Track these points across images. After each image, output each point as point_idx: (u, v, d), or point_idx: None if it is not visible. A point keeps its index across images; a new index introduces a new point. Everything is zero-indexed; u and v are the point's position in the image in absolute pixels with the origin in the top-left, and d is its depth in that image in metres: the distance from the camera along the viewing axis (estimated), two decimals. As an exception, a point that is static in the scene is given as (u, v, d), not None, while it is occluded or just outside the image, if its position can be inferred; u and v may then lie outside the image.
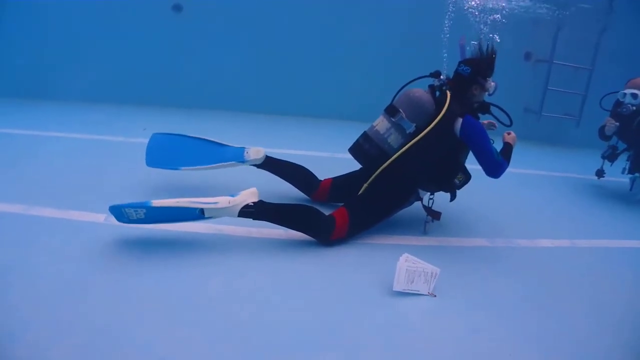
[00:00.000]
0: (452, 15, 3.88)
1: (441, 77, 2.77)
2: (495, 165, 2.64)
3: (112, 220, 2.42)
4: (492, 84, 2.72)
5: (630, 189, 4.29)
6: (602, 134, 4.28)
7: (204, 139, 3.15)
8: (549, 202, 4.02)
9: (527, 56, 6.59)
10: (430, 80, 2.82)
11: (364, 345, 1.83)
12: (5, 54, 5.62)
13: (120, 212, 2.25)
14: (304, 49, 6.12)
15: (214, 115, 5.76)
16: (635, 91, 3.97)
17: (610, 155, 4.41)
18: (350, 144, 2.82)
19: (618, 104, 4.16)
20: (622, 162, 4.36)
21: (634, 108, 3.99)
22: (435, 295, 2.20)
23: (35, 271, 2.04)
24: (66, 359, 1.57)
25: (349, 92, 6.26)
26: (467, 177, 2.74)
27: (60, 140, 4.04)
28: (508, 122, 2.80)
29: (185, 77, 6.03)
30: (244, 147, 3.08)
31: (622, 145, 4.36)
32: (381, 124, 2.70)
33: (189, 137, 3.15)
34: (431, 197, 2.88)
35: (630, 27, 6.33)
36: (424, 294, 2.19)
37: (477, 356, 1.86)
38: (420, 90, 2.72)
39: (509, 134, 2.92)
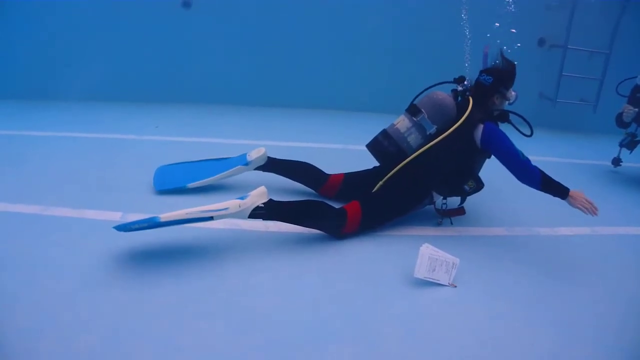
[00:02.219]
0: (467, 7, 3.81)
1: (465, 82, 2.78)
2: (524, 167, 2.56)
3: (128, 218, 2.43)
4: (513, 93, 2.73)
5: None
6: (620, 121, 4.18)
7: (206, 159, 3.25)
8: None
9: (541, 42, 6.47)
10: (453, 85, 2.83)
11: (385, 336, 1.82)
12: (11, 56, 5.64)
13: (125, 227, 2.15)
14: (313, 41, 6.07)
15: (225, 110, 5.74)
16: None
17: (629, 143, 4.31)
18: (362, 135, 2.80)
19: (637, 88, 4.06)
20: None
21: None
22: (455, 286, 2.18)
23: (54, 269, 2.05)
24: (88, 353, 1.58)
25: (359, 84, 6.21)
26: (478, 185, 2.72)
27: (72, 140, 4.06)
28: (529, 132, 2.68)
29: (195, 73, 6.01)
30: (245, 153, 3.11)
31: None
32: (402, 122, 2.70)
33: (192, 161, 3.26)
34: (444, 201, 2.85)
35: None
36: (444, 284, 2.17)
37: (498, 345, 1.84)
38: (444, 94, 2.72)
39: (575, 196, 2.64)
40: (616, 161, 4.53)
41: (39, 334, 1.65)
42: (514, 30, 2.68)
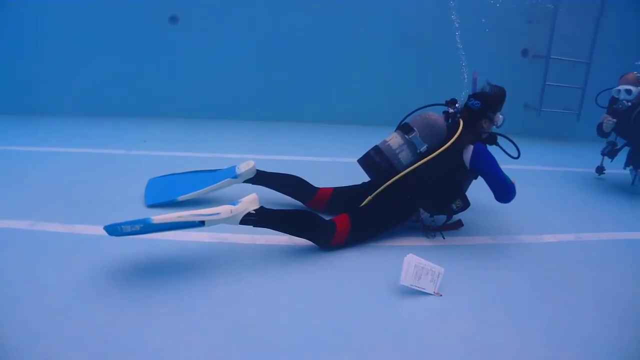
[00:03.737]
0: (458, 21, 3.90)
1: (456, 105, 2.87)
2: (508, 189, 2.74)
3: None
4: (501, 117, 2.84)
5: (632, 183, 4.29)
6: (601, 131, 4.30)
7: (195, 170, 3.32)
8: (552, 197, 4.02)
9: (525, 52, 6.60)
10: (443, 107, 2.94)
11: (373, 345, 1.84)
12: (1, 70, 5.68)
13: (115, 229, 2.12)
14: (303, 56, 6.14)
15: (214, 125, 5.78)
16: (629, 87, 3.99)
17: (610, 152, 4.44)
18: (350, 148, 2.85)
19: (614, 100, 4.18)
20: (622, 157, 4.37)
21: (630, 103, 4.01)
22: (441, 295, 2.21)
23: (44, 285, 2.06)
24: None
25: (347, 96, 6.29)
26: (465, 204, 2.80)
27: (61, 155, 4.07)
28: (516, 154, 2.85)
29: (184, 88, 6.06)
30: (234, 165, 3.15)
31: (621, 141, 4.39)
32: (394, 139, 2.79)
33: (181, 173, 3.33)
34: (432, 218, 2.92)
35: (625, 18, 6.35)
36: (430, 292, 2.20)
37: (486, 351, 1.86)
38: (436, 114, 2.83)
39: None
40: (600, 169, 4.65)
41: (29, 350, 1.65)
42: None
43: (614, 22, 6.30)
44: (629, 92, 3.98)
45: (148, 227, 2.12)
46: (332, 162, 4.42)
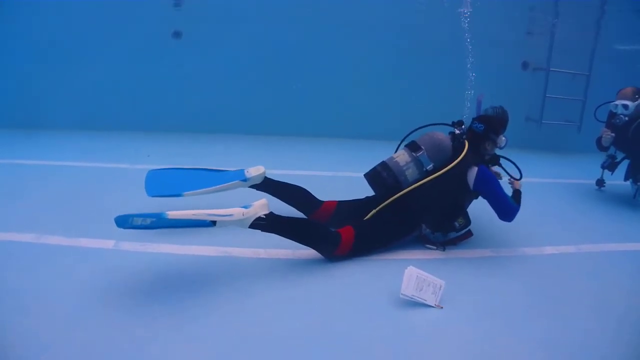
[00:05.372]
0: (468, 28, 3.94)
1: (462, 126, 2.95)
2: (510, 210, 2.82)
3: (121, 246, 2.47)
4: (504, 139, 2.92)
5: (634, 197, 4.29)
6: (600, 145, 4.34)
7: (201, 168, 3.24)
8: (553, 209, 4.03)
9: (525, 65, 6.65)
10: (449, 127, 3.01)
11: (374, 355, 1.86)
12: (1, 85, 5.74)
13: (125, 220, 2.06)
14: (305, 70, 6.18)
15: (217, 139, 5.82)
16: (626, 102, 4.04)
17: (610, 165, 4.47)
18: (353, 163, 2.87)
19: (612, 115, 4.23)
20: (623, 169, 4.39)
21: (627, 118, 4.05)
22: (442, 307, 2.22)
23: (48, 296, 2.09)
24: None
25: (351, 111, 6.31)
26: (467, 222, 2.88)
27: (65, 169, 4.11)
28: (518, 176, 2.97)
29: (187, 102, 6.10)
30: (244, 168, 3.14)
31: (620, 155, 4.42)
32: (402, 156, 2.85)
33: (185, 168, 3.24)
34: (433, 234, 2.95)
35: (624, 29, 6.40)
36: (431, 305, 2.22)
37: (486, 360, 1.88)
38: (443, 134, 2.91)
39: (513, 182, 3.05)
40: (600, 182, 4.68)
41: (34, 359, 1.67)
42: None
43: (613, 33, 6.34)
44: (625, 107, 4.04)
45: (161, 222, 2.11)
46: (335, 176, 4.44)
